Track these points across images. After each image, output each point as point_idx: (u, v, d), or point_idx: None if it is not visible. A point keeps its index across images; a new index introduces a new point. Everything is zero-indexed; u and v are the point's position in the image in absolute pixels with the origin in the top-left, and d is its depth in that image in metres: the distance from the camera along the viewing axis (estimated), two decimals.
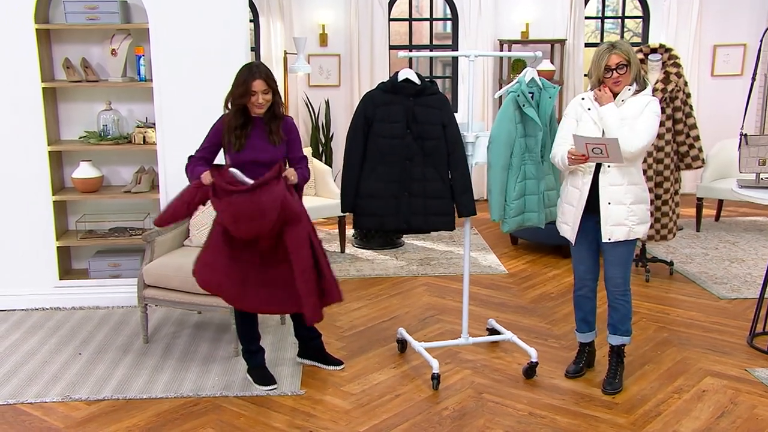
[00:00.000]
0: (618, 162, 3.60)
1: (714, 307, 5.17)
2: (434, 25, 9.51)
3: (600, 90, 3.69)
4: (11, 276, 5.12)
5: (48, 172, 5.00)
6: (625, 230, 3.75)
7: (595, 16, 9.51)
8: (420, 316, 5.04)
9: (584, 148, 3.59)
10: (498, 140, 3.99)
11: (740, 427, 3.57)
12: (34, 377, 4.09)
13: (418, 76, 4.00)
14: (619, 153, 3.53)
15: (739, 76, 8.80)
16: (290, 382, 4.02)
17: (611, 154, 3.53)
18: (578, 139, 3.61)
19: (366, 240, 6.69)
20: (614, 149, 3.51)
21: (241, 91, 3.63)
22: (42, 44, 4.95)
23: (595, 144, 3.54)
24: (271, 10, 8.14)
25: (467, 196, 4.02)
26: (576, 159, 3.66)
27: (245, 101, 3.65)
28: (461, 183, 4.00)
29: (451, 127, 3.97)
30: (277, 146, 3.74)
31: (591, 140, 3.56)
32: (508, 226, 4.10)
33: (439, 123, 3.93)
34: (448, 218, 4.04)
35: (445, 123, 3.95)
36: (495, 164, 4.01)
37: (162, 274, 4.39)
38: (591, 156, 3.60)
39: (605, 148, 3.52)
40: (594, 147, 3.55)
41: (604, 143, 3.52)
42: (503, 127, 3.98)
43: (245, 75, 3.63)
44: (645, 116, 3.66)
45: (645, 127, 3.63)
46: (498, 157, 3.99)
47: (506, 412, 3.72)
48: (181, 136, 4.98)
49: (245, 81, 3.62)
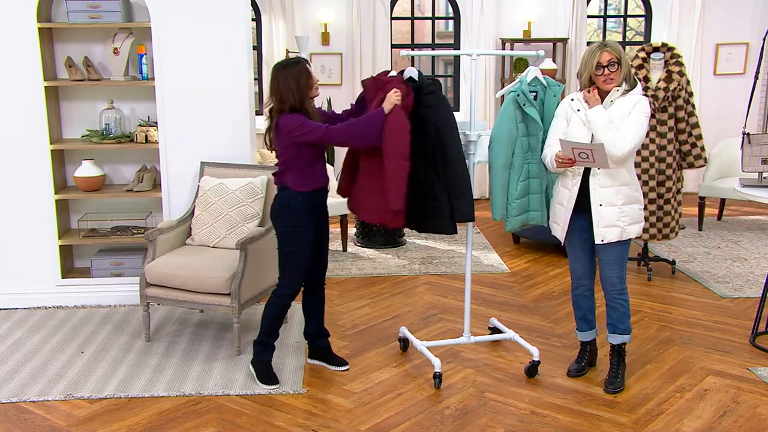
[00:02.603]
0: (604, 167, 3.59)
1: (716, 306, 5.17)
2: (436, 24, 9.50)
3: (589, 92, 3.69)
4: (13, 274, 5.13)
5: (50, 171, 5.01)
6: (618, 231, 3.74)
7: (598, 15, 9.50)
8: (422, 315, 5.04)
9: (571, 153, 3.60)
10: (498, 139, 3.98)
11: (742, 426, 3.57)
12: (36, 376, 4.10)
13: (419, 75, 3.97)
14: (606, 158, 3.53)
15: (741, 74, 8.79)
16: (292, 381, 4.02)
17: (597, 159, 3.54)
18: (565, 143, 3.62)
19: (368, 239, 6.69)
20: (600, 154, 3.51)
21: (305, 82, 3.72)
22: (44, 43, 4.95)
23: (582, 149, 3.55)
24: (273, 9, 8.14)
25: (462, 201, 3.85)
26: (563, 163, 3.67)
27: (311, 85, 3.77)
28: (455, 187, 3.85)
29: (444, 128, 3.82)
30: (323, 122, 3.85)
31: (577, 145, 3.57)
32: (510, 225, 4.09)
33: (434, 123, 3.83)
34: (445, 221, 3.89)
35: (438, 124, 3.82)
36: (496, 163, 4.00)
37: (164, 273, 4.39)
38: (578, 160, 3.61)
39: (591, 153, 3.52)
40: (580, 152, 3.56)
41: (590, 149, 3.52)
42: (503, 126, 3.97)
43: (298, 68, 3.72)
44: (633, 117, 3.64)
45: (632, 129, 3.61)
46: (498, 157, 3.98)
47: (508, 411, 3.72)
48: (183, 135, 4.99)
49: (302, 71, 3.72)
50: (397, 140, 3.73)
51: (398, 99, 3.74)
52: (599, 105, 3.66)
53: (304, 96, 3.72)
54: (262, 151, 6.79)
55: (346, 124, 3.79)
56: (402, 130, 3.73)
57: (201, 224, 4.73)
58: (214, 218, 4.68)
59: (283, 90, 3.70)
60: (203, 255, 4.52)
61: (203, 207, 4.74)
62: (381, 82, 3.90)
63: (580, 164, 3.64)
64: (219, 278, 4.26)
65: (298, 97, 3.70)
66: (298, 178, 3.81)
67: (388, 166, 3.76)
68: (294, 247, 3.87)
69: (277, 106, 3.75)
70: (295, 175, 3.81)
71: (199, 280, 4.29)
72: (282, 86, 3.70)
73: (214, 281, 4.27)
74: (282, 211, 3.86)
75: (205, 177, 4.83)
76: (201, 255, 4.52)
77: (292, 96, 3.70)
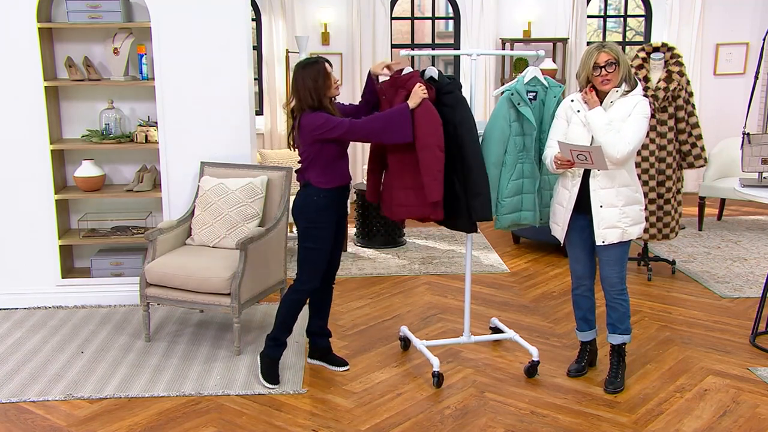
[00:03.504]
0: (603, 168, 3.59)
1: (716, 306, 5.17)
2: (436, 24, 9.50)
3: (587, 93, 3.68)
4: (13, 274, 5.13)
5: (50, 171, 5.01)
6: (619, 232, 3.74)
7: (598, 15, 9.50)
8: (422, 314, 5.04)
9: (569, 154, 3.61)
10: (490, 137, 3.98)
11: (742, 426, 3.56)
12: (36, 376, 4.10)
13: (439, 74, 3.97)
14: (604, 160, 3.54)
15: (741, 74, 8.79)
16: (292, 381, 4.02)
17: (596, 161, 3.54)
18: (563, 145, 3.63)
19: (368, 239, 6.69)
20: (599, 156, 3.52)
21: (322, 82, 3.73)
22: (44, 43, 4.95)
23: (580, 151, 3.56)
24: (273, 9, 8.14)
25: (479, 201, 3.87)
26: (562, 164, 3.69)
27: (330, 85, 3.77)
28: (473, 186, 3.87)
29: (463, 128, 3.84)
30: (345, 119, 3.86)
31: (575, 147, 3.57)
32: (500, 224, 4.07)
33: (451, 122, 3.84)
34: (463, 220, 3.93)
35: (457, 123, 3.85)
36: (486, 161, 3.97)
37: (164, 273, 4.39)
38: (576, 162, 3.62)
39: (589, 155, 3.53)
40: (578, 154, 3.57)
41: (588, 151, 3.52)
42: (496, 124, 3.97)
43: (316, 68, 3.74)
44: (633, 119, 3.64)
45: (632, 131, 3.60)
46: (489, 155, 3.97)
47: (508, 410, 3.72)
48: (183, 135, 4.99)
49: (320, 71, 3.73)
50: (430, 133, 3.76)
51: (425, 93, 3.77)
52: (599, 107, 3.66)
53: (322, 95, 3.74)
54: (262, 151, 6.80)
55: (370, 118, 3.80)
56: (435, 122, 3.77)
57: (201, 224, 4.73)
58: (214, 218, 4.68)
59: (301, 90, 3.73)
60: (203, 255, 4.52)
61: (203, 207, 4.74)
62: (401, 80, 3.89)
63: (578, 166, 3.64)
64: (219, 278, 4.26)
65: (316, 96, 3.72)
66: (321, 175, 3.83)
67: (424, 158, 3.78)
68: (313, 243, 3.88)
69: (298, 106, 3.78)
70: (317, 172, 3.83)
71: (199, 280, 4.29)
72: (300, 86, 3.73)
73: (214, 281, 4.27)
74: (304, 207, 3.88)
75: (205, 177, 4.83)
76: (201, 255, 4.52)
77: (310, 96, 3.72)
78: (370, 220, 6.61)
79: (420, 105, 3.76)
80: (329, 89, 3.78)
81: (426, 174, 3.78)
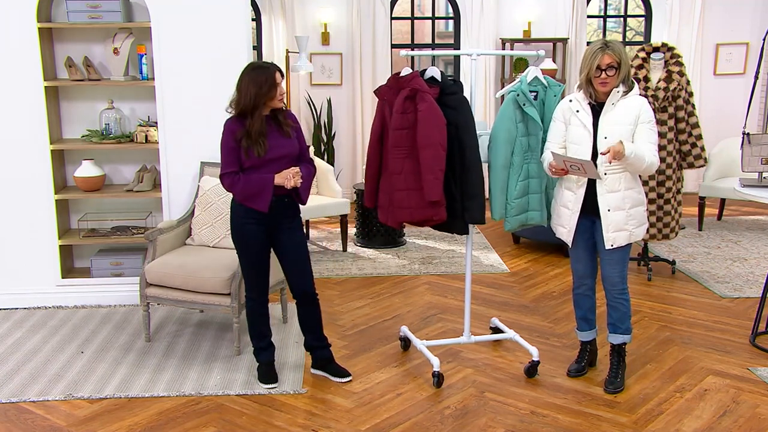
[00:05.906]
0: (596, 178, 3.65)
1: (716, 306, 5.17)
2: (436, 24, 9.50)
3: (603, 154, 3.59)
4: (13, 274, 5.13)
5: (50, 171, 5.01)
6: (626, 235, 3.75)
7: (598, 15, 9.50)
8: (422, 315, 5.04)
9: (563, 164, 3.66)
10: (497, 139, 3.98)
11: (742, 426, 3.56)
12: (36, 376, 4.10)
13: (441, 75, 3.97)
14: (596, 172, 3.59)
15: (741, 74, 8.79)
16: (292, 381, 4.02)
17: (588, 171, 3.60)
18: (557, 157, 3.68)
19: (368, 239, 6.69)
20: (590, 168, 3.57)
21: (266, 90, 3.60)
22: (44, 43, 4.96)
23: (573, 162, 3.60)
24: (273, 9, 8.14)
25: (474, 203, 3.88)
26: (557, 172, 3.72)
27: (273, 96, 3.63)
28: (469, 188, 3.88)
29: (463, 129, 3.84)
30: (291, 138, 3.78)
31: (569, 159, 3.63)
32: (509, 225, 4.09)
33: (453, 123, 3.84)
34: (457, 222, 3.94)
35: (458, 124, 3.84)
36: (495, 163, 4.00)
37: (164, 273, 4.39)
38: (570, 170, 3.67)
39: (582, 167, 3.58)
40: (572, 164, 3.62)
41: (581, 163, 3.57)
42: (503, 126, 3.98)
43: (263, 73, 3.62)
44: (645, 132, 3.65)
45: (650, 142, 3.64)
46: (497, 156, 3.98)
47: (508, 410, 3.72)
48: (183, 135, 4.99)
49: (267, 78, 3.61)
50: (435, 132, 3.76)
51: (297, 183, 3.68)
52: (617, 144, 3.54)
53: (260, 103, 3.62)
54: None
55: (242, 180, 3.66)
56: (440, 122, 3.77)
57: (201, 224, 4.74)
58: (214, 218, 4.69)
59: (243, 90, 3.62)
60: (203, 255, 4.52)
61: (203, 207, 4.74)
62: (402, 81, 3.87)
63: (572, 174, 3.68)
64: (219, 278, 4.26)
65: (253, 102, 3.60)
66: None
67: (426, 157, 3.77)
68: (241, 255, 3.86)
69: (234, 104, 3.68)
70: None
71: (199, 280, 4.29)
72: (243, 87, 3.63)
73: (214, 281, 4.27)
74: (231, 217, 3.84)
75: (205, 177, 4.83)
76: (201, 255, 4.52)
77: (249, 99, 3.60)
78: (370, 220, 6.61)
79: (425, 105, 3.74)
80: (272, 99, 3.65)
81: (427, 172, 3.77)
